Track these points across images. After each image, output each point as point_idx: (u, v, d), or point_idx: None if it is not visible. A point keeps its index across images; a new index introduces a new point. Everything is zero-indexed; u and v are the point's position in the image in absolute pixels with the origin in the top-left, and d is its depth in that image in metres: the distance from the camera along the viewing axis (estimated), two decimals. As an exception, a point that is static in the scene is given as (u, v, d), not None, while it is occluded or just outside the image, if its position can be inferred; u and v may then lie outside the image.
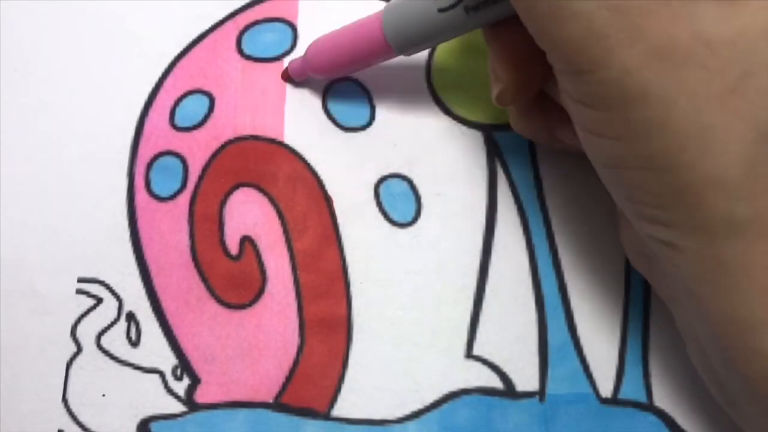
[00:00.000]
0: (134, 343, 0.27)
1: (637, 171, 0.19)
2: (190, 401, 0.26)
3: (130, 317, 0.27)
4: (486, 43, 0.24)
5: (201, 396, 0.26)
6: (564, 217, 0.28)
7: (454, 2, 0.23)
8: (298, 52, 0.29)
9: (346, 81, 0.29)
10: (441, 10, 0.24)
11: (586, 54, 0.18)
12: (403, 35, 0.25)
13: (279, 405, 0.26)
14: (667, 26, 0.17)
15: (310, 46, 0.28)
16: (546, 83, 0.24)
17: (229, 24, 0.30)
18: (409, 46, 0.25)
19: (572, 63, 0.19)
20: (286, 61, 0.29)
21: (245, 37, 0.29)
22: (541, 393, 0.26)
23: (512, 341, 0.27)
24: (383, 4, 0.26)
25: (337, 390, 0.26)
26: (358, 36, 0.26)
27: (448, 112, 0.29)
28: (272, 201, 0.28)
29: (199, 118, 0.29)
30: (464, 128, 0.28)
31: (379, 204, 0.28)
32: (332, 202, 0.28)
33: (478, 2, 0.23)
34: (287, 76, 0.29)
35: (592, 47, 0.18)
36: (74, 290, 0.27)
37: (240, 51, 0.29)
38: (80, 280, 0.27)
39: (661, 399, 0.26)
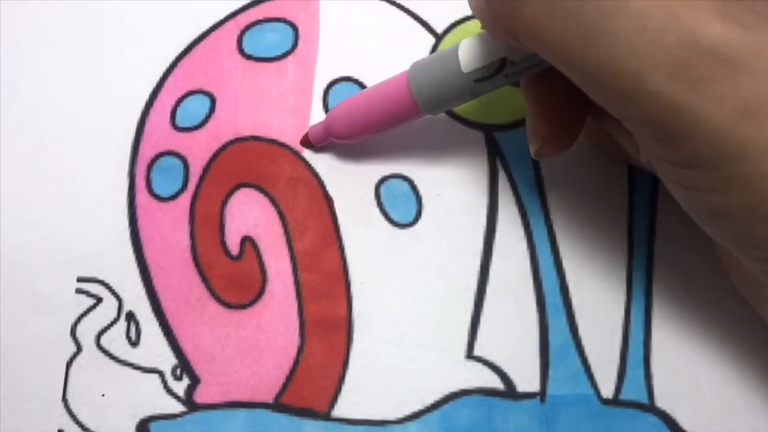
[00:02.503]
0: (134, 343, 0.27)
1: (741, 219, 0.19)
2: (189, 401, 0.26)
3: (130, 317, 0.27)
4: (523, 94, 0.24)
5: (201, 396, 0.26)
6: (565, 217, 0.28)
7: (491, 73, 0.23)
8: (299, 52, 0.29)
9: (345, 81, 0.29)
10: (478, 81, 0.23)
11: (672, 126, 0.18)
12: (435, 101, 0.25)
13: (279, 405, 0.26)
14: (747, 85, 0.18)
15: (331, 112, 0.27)
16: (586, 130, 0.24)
17: (230, 23, 0.30)
18: (442, 108, 0.25)
19: (658, 136, 0.19)
20: (287, 62, 0.29)
21: (246, 37, 0.29)
22: (542, 394, 0.26)
23: (513, 342, 0.27)
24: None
25: (338, 390, 0.26)
26: (385, 101, 0.26)
27: (448, 111, 0.28)
28: (273, 201, 0.28)
29: (200, 118, 0.29)
30: (465, 128, 0.28)
31: (379, 204, 0.28)
32: (333, 202, 0.28)
33: (518, 69, 0.23)
34: (307, 142, 0.28)
35: (677, 120, 0.18)
36: (74, 290, 0.27)
37: (241, 51, 0.29)
38: (80, 280, 0.27)
39: (663, 400, 0.26)
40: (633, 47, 0.18)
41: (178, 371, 0.27)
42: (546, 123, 0.23)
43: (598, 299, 0.27)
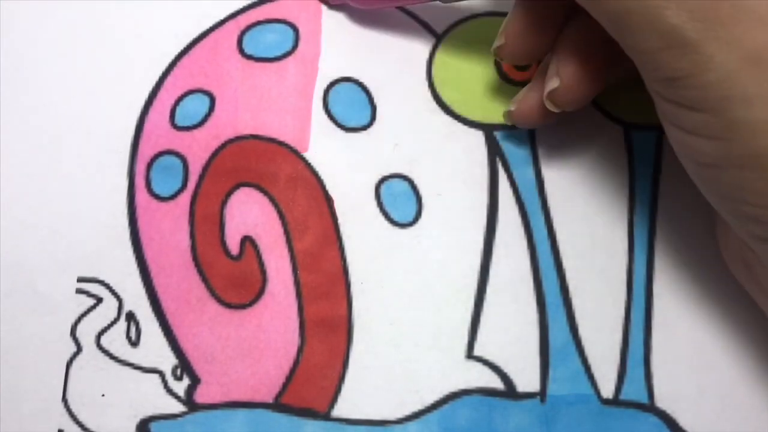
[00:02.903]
0: (134, 343, 0.27)
1: (739, 169, 0.20)
2: (189, 401, 0.26)
3: (130, 317, 0.27)
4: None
5: (201, 396, 0.26)
6: (566, 216, 0.28)
7: None
8: (299, 53, 0.29)
9: (346, 81, 0.29)
10: None
11: (685, 61, 0.19)
12: None
13: (279, 405, 0.26)
14: (760, 35, 0.19)
15: None
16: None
17: (230, 23, 0.30)
18: None
19: (669, 70, 0.19)
20: (287, 63, 0.29)
21: (246, 37, 0.29)
22: (542, 394, 0.26)
23: (513, 342, 0.27)
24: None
25: (338, 390, 0.26)
26: None
27: (448, 111, 0.28)
28: (273, 201, 0.28)
29: (200, 117, 0.29)
30: (465, 128, 0.28)
31: (379, 204, 0.28)
32: (333, 202, 0.28)
33: None
34: None
35: (690, 54, 0.19)
36: (74, 290, 0.27)
37: (241, 51, 0.29)
38: (80, 280, 0.27)
39: (663, 400, 0.26)
40: None
41: (179, 371, 0.27)
42: (569, 63, 0.24)
43: (598, 299, 0.27)
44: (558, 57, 0.24)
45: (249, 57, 0.29)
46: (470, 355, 0.27)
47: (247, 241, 0.28)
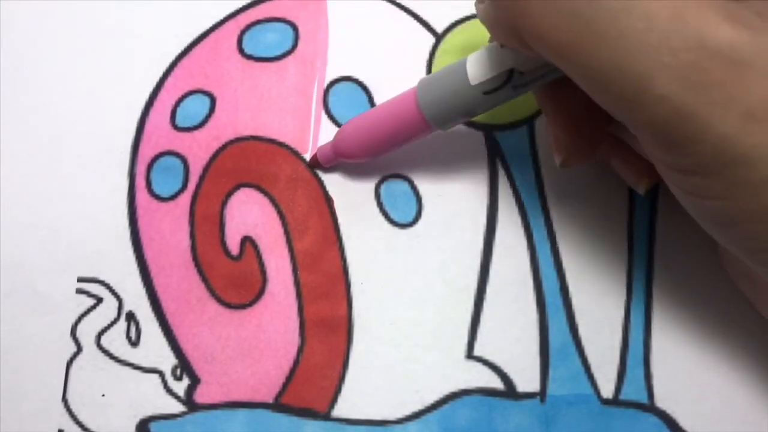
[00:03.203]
0: (134, 343, 0.27)
1: (749, 225, 0.19)
2: (189, 401, 0.26)
3: (130, 317, 0.27)
4: (541, 107, 0.24)
5: (201, 396, 0.26)
6: (565, 217, 0.28)
7: (499, 84, 0.23)
8: (299, 52, 0.29)
9: (346, 81, 0.29)
10: (487, 93, 0.23)
11: (679, 132, 0.18)
12: (445, 116, 0.24)
13: (279, 405, 0.26)
14: (756, 89, 0.17)
15: (338, 132, 0.27)
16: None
17: (230, 23, 0.30)
18: (451, 123, 0.25)
19: (664, 141, 0.19)
20: (287, 62, 0.29)
21: (246, 37, 0.29)
22: (542, 394, 0.26)
23: (513, 342, 0.27)
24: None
25: (338, 390, 0.26)
26: (393, 119, 0.25)
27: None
28: (273, 201, 0.28)
29: (200, 118, 0.29)
30: (465, 128, 0.28)
31: (379, 204, 0.28)
32: (333, 202, 0.28)
33: (527, 80, 0.22)
34: (316, 163, 0.28)
35: (684, 126, 0.18)
36: (74, 290, 0.27)
37: (241, 51, 0.29)
38: (80, 280, 0.27)
39: (663, 400, 0.26)
40: (640, 48, 0.18)
41: (178, 371, 0.27)
42: (566, 131, 0.23)
43: (598, 299, 0.27)
44: (554, 131, 0.24)
45: (249, 57, 0.29)
46: (470, 355, 0.27)
47: (247, 241, 0.28)
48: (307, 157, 0.28)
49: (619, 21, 0.18)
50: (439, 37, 0.29)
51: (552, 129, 0.24)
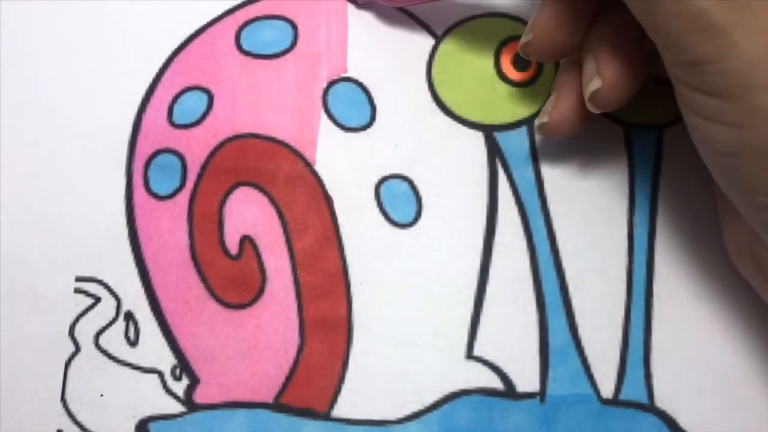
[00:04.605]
0: (133, 343, 0.27)
1: (756, 158, 0.20)
2: (189, 401, 0.26)
3: (129, 317, 0.27)
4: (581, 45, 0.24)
5: (200, 396, 0.26)
6: (565, 216, 0.28)
7: None
8: (298, 51, 0.29)
9: (345, 81, 0.29)
10: None
11: (710, 45, 0.19)
12: None
13: (279, 405, 0.26)
14: None
15: None
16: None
17: (228, 19, 0.29)
18: None
19: (693, 54, 0.19)
20: (286, 60, 0.29)
21: (244, 33, 0.29)
22: (541, 394, 0.26)
23: (513, 342, 0.27)
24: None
25: (337, 390, 0.26)
26: None
27: (448, 112, 0.28)
28: (272, 200, 0.28)
29: (198, 115, 0.28)
30: (464, 128, 0.28)
31: (379, 204, 0.28)
32: (332, 202, 0.28)
33: None
34: None
35: (716, 39, 0.19)
36: (72, 289, 0.27)
37: (239, 47, 0.29)
38: (78, 279, 0.27)
39: (663, 400, 0.26)
40: None
41: (178, 371, 0.27)
42: (609, 63, 0.23)
43: (598, 299, 0.27)
44: (596, 55, 0.24)
45: (247, 54, 0.29)
46: (470, 355, 0.27)
47: (246, 240, 0.27)
48: (307, 157, 0.28)
49: None
50: (439, 38, 0.29)
51: (591, 61, 0.24)
